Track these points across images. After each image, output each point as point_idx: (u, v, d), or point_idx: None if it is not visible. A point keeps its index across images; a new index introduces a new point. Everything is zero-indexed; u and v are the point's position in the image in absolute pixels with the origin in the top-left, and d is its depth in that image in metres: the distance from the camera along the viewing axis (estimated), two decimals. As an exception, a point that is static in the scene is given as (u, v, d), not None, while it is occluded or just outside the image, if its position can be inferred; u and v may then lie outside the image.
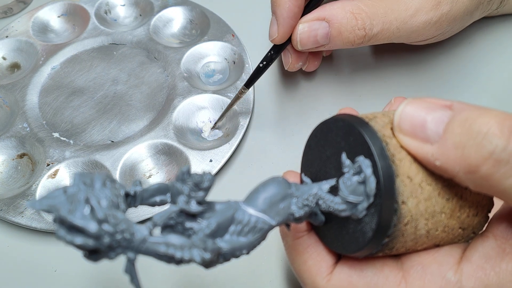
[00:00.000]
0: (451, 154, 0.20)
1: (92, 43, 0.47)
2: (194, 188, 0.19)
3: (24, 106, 0.42)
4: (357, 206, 0.21)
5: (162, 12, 0.49)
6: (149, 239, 0.16)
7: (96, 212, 0.15)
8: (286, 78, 0.44)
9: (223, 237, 0.19)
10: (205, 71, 0.45)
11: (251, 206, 0.20)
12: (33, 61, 0.46)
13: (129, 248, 0.16)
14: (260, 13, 0.48)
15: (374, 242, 0.21)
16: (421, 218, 0.21)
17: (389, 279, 0.23)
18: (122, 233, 0.16)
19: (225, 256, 0.19)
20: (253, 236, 0.19)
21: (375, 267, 0.23)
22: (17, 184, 0.38)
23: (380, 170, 0.20)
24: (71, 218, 0.15)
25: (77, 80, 0.45)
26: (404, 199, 0.21)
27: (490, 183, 0.19)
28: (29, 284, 0.34)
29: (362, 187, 0.21)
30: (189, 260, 0.16)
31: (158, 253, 0.16)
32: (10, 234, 0.36)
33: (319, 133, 0.25)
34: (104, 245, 0.15)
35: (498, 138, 0.18)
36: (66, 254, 0.35)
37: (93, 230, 0.15)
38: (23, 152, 0.40)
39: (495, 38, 0.45)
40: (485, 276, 0.21)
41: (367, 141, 0.21)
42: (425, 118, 0.21)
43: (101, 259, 0.16)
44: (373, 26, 0.34)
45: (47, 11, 0.50)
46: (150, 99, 0.43)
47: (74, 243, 0.15)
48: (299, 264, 0.25)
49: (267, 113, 0.42)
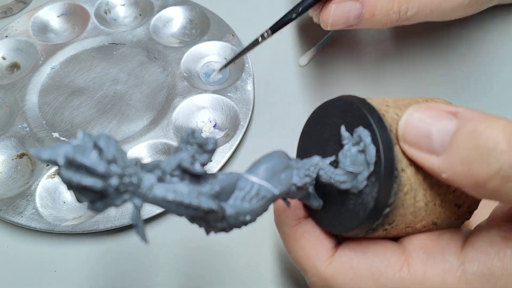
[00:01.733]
0: (457, 169, 0.19)
1: (92, 43, 0.47)
2: (199, 150, 0.18)
3: (23, 106, 0.42)
4: (358, 176, 0.21)
5: (162, 12, 0.49)
6: (156, 185, 0.16)
7: (105, 153, 0.15)
8: (287, 79, 0.44)
9: (227, 202, 0.19)
10: (205, 71, 0.45)
11: (253, 175, 0.20)
12: (32, 61, 0.46)
13: (136, 194, 0.15)
14: (260, 12, 0.48)
15: (376, 213, 0.21)
16: (420, 188, 0.21)
17: (391, 262, 0.22)
18: (130, 176, 0.15)
19: (229, 220, 0.19)
20: (257, 203, 0.19)
21: (377, 250, 0.23)
22: (16, 184, 0.38)
23: (379, 138, 0.21)
24: (80, 158, 0.14)
25: (77, 80, 0.45)
26: (403, 167, 0.21)
27: (498, 197, 0.19)
28: (28, 284, 0.34)
29: (362, 157, 0.21)
30: (197, 207, 0.16)
31: (166, 200, 0.15)
32: (9, 234, 0.36)
33: (315, 118, 0.25)
34: (112, 187, 0.15)
35: (506, 155, 0.18)
36: (65, 254, 0.35)
37: (102, 170, 0.14)
38: (22, 152, 0.40)
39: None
40: (489, 260, 0.21)
41: (365, 112, 0.21)
42: (430, 129, 0.20)
43: (107, 207, 0.15)
44: (407, 10, 0.33)
45: (46, 11, 0.50)
46: (150, 99, 0.43)
47: (81, 183, 0.14)
48: (297, 251, 0.25)
49: (267, 113, 0.42)
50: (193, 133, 0.18)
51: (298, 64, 0.45)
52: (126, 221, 0.35)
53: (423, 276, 0.22)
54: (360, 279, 0.23)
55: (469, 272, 0.21)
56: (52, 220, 0.35)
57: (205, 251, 0.34)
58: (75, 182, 0.14)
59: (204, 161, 0.19)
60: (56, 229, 0.35)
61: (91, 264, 0.34)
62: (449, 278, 0.21)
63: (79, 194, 0.15)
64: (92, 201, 0.15)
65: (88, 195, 0.15)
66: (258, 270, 0.34)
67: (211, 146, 0.18)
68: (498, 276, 0.21)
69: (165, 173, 0.17)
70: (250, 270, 0.34)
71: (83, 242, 0.35)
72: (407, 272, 0.22)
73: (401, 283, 0.22)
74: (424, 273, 0.22)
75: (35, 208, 0.36)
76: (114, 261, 0.34)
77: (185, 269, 0.34)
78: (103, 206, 0.15)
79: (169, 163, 0.17)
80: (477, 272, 0.21)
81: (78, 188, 0.15)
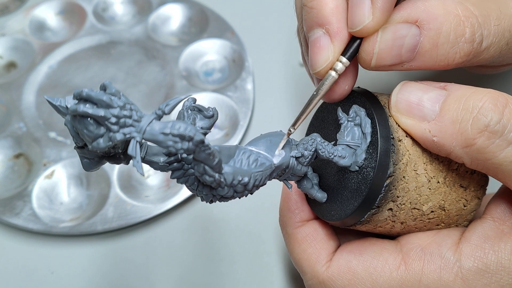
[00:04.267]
0: (448, 129, 0.20)
1: (90, 42, 0.47)
2: (200, 116, 0.20)
3: (20, 105, 0.42)
4: (356, 151, 0.22)
5: (160, 10, 0.48)
6: (155, 122, 0.16)
7: (108, 89, 0.16)
8: (287, 78, 0.44)
9: (226, 164, 0.20)
10: (204, 70, 0.45)
11: (252, 146, 0.21)
12: (29, 59, 0.45)
13: (136, 128, 0.16)
14: (260, 10, 0.48)
15: (377, 184, 0.21)
16: (419, 161, 0.22)
17: (389, 262, 0.23)
18: (131, 110, 0.16)
19: (227, 179, 0.19)
20: (255, 168, 0.20)
21: (374, 251, 0.23)
22: (13, 185, 0.37)
23: (373, 112, 0.22)
24: (87, 91, 0.16)
25: (74, 79, 0.44)
26: (400, 137, 0.22)
27: (485, 156, 0.20)
28: (25, 286, 0.33)
29: (358, 131, 0.22)
30: (191, 137, 0.16)
31: (164, 132, 0.16)
32: (6, 235, 0.36)
33: (318, 115, 0.26)
34: (114, 115, 0.16)
35: (492, 112, 0.19)
36: (63, 256, 0.34)
37: (105, 99, 0.15)
38: (19, 152, 0.39)
39: None
40: (484, 255, 0.21)
41: (359, 93, 0.23)
42: (421, 97, 0.21)
43: (108, 143, 0.16)
44: (483, 37, 0.22)
45: (43, 9, 0.49)
46: (148, 98, 0.42)
47: (86, 111, 0.15)
48: (298, 253, 0.25)
49: (267, 113, 0.42)
50: (195, 101, 0.20)
51: (298, 63, 0.45)
52: (123, 223, 0.34)
53: (421, 274, 0.22)
54: (358, 280, 0.23)
55: (465, 268, 0.21)
56: (49, 221, 0.35)
57: (205, 251, 0.34)
58: (80, 111, 0.15)
59: (203, 125, 0.20)
60: (53, 231, 0.34)
61: (89, 266, 0.34)
62: (446, 274, 0.22)
63: (83, 132, 0.16)
64: (95, 138, 0.16)
65: (92, 132, 0.16)
66: (258, 272, 0.33)
67: (211, 112, 0.20)
68: (493, 271, 0.21)
69: (164, 113, 0.17)
70: (250, 273, 0.33)
71: (80, 244, 0.35)
72: (404, 270, 0.22)
73: (399, 282, 0.22)
74: (421, 270, 0.22)
75: (32, 209, 0.35)
76: (112, 262, 0.34)
77: (183, 270, 0.33)
78: (105, 142, 0.16)
79: (167, 103, 0.17)
80: (473, 268, 0.21)
81: (82, 124, 0.16)
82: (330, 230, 0.25)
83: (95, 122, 0.16)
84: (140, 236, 0.35)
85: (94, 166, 0.18)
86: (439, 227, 0.24)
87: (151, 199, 0.36)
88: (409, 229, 0.24)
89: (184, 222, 0.35)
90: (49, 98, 0.17)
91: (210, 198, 0.20)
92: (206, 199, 0.20)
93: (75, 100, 0.16)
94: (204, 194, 0.19)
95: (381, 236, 0.25)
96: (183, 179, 0.19)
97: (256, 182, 0.20)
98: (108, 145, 0.16)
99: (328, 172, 0.24)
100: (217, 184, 0.19)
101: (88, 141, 0.16)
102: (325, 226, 0.25)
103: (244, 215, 0.35)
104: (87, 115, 0.15)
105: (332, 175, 0.24)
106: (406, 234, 0.24)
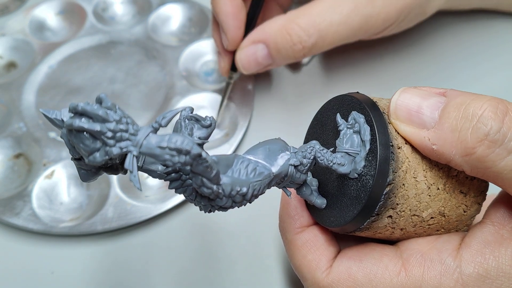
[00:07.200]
0: (447, 137, 0.20)
1: (90, 42, 0.47)
2: (198, 126, 0.20)
3: (20, 105, 0.42)
4: (355, 158, 0.22)
5: (160, 10, 0.48)
6: (152, 135, 0.16)
7: (104, 101, 0.16)
8: (287, 78, 0.44)
9: (224, 174, 0.20)
10: (204, 70, 0.45)
11: (251, 155, 0.21)
12: (29, 59, 0.45)
13: (132, 142, 0.16)
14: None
15: (376, 191, 0.21)
16: (419, 168, 0.22)
17: (389, 268, 0.22)
18: (127, 124, 0.16)
19: (225, 190, 0.19)
20: (254, 177, 0.20)
21: (374, 257, 0.23)
22: (13, 185, 0.37)
23: (373, 118, 0.21)
24: (83, 105, 0.16)
25: (74, 79, 0.44)
26: (399, 144, 0.21)
27: (485, 164, 0.20)
28: (25, 287, 0.33)
29: (357, 138, 0.22)
30: (189, 150, 0.16)
31: (161, 146, 0.16)
32: (6, 235, 0.36)
33: (318, 119, 0.26)
34: (110, 130, 0.16)
35: (492, 120, 0.19)
36: (63, 256, 0.34)
37: (101, 113, 0.15)
38: (19, 152, 0.39)
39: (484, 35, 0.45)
40: (484, 261, 0.21)
41: (358, 99, 0.22)
42: (420, 104, 0.21)
43: (104, 157, 0.16)
44: (309, 38, 0.34)
45: (43, 9, 0.49)
46: (148, 98, 0.42)
47: (82, 126, 0.15)
48: (298, 259, 0.25)
49: (267, 113, 0.42)
50: (192, 111, 0.20)
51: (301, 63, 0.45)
52: (123, 223, 0.34)
53: (421, 280, 0.22)
54: (359, 287, 0.23)
55: (465, 274, 0.21)
56: (49, 221, 0.35)
57: (204, 253, 0.34)
58: (76, 126, 0.15)
59: (201, 135, 0.20)
60: (53, 231, 0.34)
61: (89, 266, 0.34)
62: (446, 280, 0.21)
63: (79, 146, 0.16)
64: (91, 152, 0.16)
65: (88, 146, 0.16)
66: (258, 273, 0.33)
67: (208, 122, 0.20)
68: (493, 277, 0.21)
69: (160, 126, 0.17)
70: (250, 273, 0.33)
71: (81, 244, 0.35)
72: (404, 277, 0.22)
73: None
74: (421, 276, 0.22)
75: (32, 209, 0.35)
76: (112, 263, 0.34)
77: (183, 271, 0.33)
78: (101, 156, 0.16)
79: (163, 116, 0.17)
80: (473, 273, 0.21)
81: (78, 138, 0.16)
82: (330, 235, 0.25)
83: (91, 136, 0.16)
84: (140, 236, 0.35)
85: (91, 177, 0.18)
86: (439, 233, 0.24)
87: (151, 199, 0.36)
88: (409, 235, 0.23)
89: (184, 222, 0.35)
90: (44, 111, 0.17)
91: (208, 208, 0.20)
92: (204, 209, 0.20)
93: (70, 114, 0.16)
94: (203, 204, 0.19)
95: (380, 241, 0.25)
96: (181, 189, 0.19)
97: (254, 191, 0.20)
98: (105, 159, 0.16)
99: (327, 178, 0.24)
100: (215, 195, 0.19)
101: (85, 154, 0.16)
102: (325, 231, 0.25)
103: (244, 215, 0.35)
104: (83, 129, 0.15)
105: (331, 181, 0.24)
106: (406, 239, 0.24)
